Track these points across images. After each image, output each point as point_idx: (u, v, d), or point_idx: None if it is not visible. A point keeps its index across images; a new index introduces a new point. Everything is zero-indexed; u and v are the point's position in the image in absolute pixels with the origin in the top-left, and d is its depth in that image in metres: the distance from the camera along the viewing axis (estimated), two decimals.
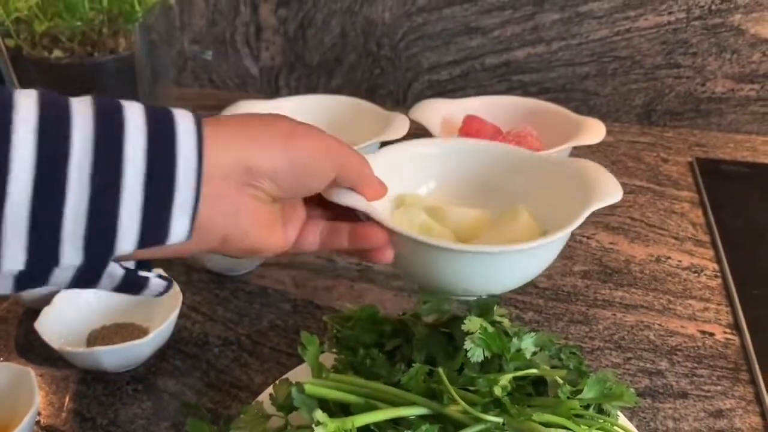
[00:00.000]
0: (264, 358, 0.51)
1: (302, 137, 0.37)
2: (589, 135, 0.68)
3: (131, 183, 0.29)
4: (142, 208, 0.30)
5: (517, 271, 0.46)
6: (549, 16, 0.90)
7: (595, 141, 0.67)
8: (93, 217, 0.29)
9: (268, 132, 0.36)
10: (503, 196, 0.53)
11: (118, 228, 0.29)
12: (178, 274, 0.61)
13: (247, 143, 0.34)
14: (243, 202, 0.34)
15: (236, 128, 0.35)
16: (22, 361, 0.51)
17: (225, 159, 0.33)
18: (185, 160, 0.31)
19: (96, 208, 0.29)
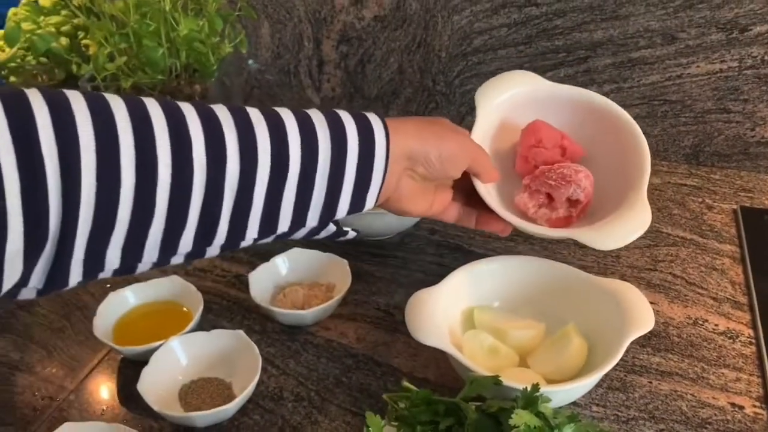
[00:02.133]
0: (332, 416, 0.58)
1: (450, 137, 0.54)
2: (613, 233, 0.59)
3: (349, 176, 0.47)
4: (352, 191, 0.48)
5: (568, 396, 0.56)
6: (601, 61, 0.93)
7: (607, 247, 0.58)
8: (326, 200, 0.47)
9: (427, 130, 0.53)
10: (555, 308, 0.63)
11: (339, 205, 0.48)
12: (253, 324, 0.68)
13: (411, 138, 0.51)
14: (402, 179, 0.52)
15: (406, 126, 0.51)
16: (124, 410, 0.59)
17: (397, 149, 0.50)
18: (380, 157, 0.48)
19: (328, 195, 0.47)
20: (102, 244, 0.39)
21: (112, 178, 0.38)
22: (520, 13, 0.93)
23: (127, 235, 0.40)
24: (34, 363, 0.64)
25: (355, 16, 1.02)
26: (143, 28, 0.80)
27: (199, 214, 0.42)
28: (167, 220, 0.41)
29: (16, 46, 0.89)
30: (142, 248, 0.41)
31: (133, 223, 0.40)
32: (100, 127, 0.37)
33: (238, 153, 0.42)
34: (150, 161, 0.39)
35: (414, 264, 0.77)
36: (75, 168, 0.36)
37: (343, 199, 0.48)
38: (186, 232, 0.42)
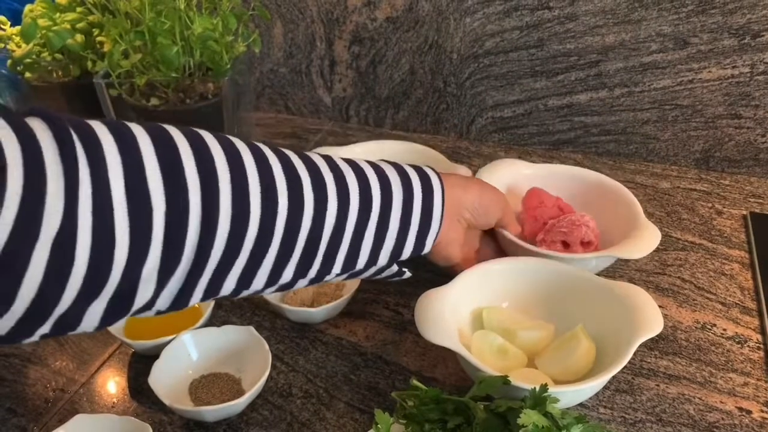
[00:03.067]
0: (340, 413, 0.58)
1: (488, 189, 0.65)
2: (638, 246, 0.66)
3: (414, 219, 0.56)
4: (416, 234, 0.56)
5: (576, 397, 0.56)
6: (613, 65, 0.93)
7: (639, 256, 0.66)
8: (396, 243, 0.55)
9: (470, 183, 0.63)
10: (564, 310, 0.63)
11: (405, 246, 0.56)
12: (263, 320, 0.69)
13: (459, 188, 0.61)
14: (452, 224, 0.61)
15: (455, 181, 0.61)
16: (134, 404, 0.59)
17: (450, 199, 0.59)
18: (437, 203, 0.57)
19: (399, 237, 0.55)
20: (226, 270, 0.43)
21: (244, 207, 0.42)
22: (532, 16, 0.94)
23: (246, 264, 0.44)
24: (46, 355, 0.65)
25: (368, 17, 1.03)
26: (158, 26, 0.81)
27: (303, 248, 0.47)
28: (278, 252, 0.46)
29: (32, 42, 0.90)
30: (254, 276, 0.46)
31: (254, 252, 0.44)
32: (232, 162, 0.43)
33: (336, 196, 0.49)
34: (272, 197, 0.44)
35: (423, 264, 0.77)
36: (215, 196, 0.41)
37: (409, 241, 0.56)
38: (290, 264, 0.47)
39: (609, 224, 0.73)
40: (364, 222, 0.52)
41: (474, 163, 1.00)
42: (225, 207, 0.41)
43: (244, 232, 0.43)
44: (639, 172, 0.96)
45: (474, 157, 1.02)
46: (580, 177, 0.81)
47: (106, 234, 0.36)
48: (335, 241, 0.50)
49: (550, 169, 0.82)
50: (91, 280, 0.36)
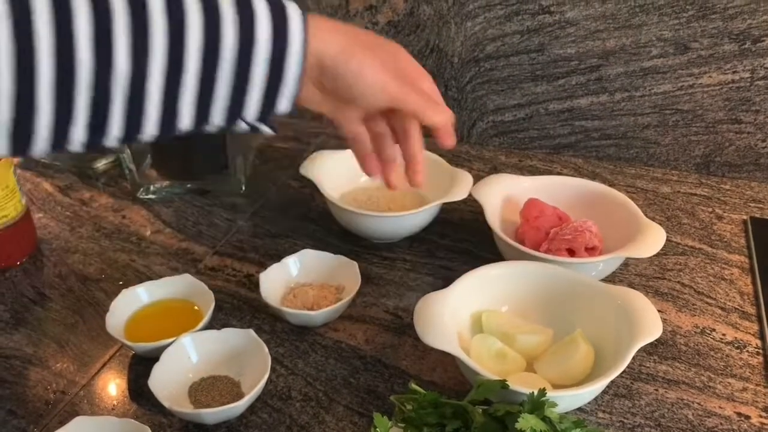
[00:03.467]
0: (339, 416, 0.58)
1: (377, 66, 0.49)
2: (646, 245, 0.68)
3: (257, 75, 0.44)
4: (263, 97, 0.45)
5: (574, 401, 0.56)
6: (614, 69, 0.93)
7: (649, 254, 0.67)
8: (232, 100, 0.45)
9: (359, 46, 0.49)
10: (563, 314, 0.63)
11: (246, 108, 0.45)
12: (263, 323, 0.69)
13: (332, 45, 0.48)
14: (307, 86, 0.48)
15: (334, 33, 0.49)
16: (134, 406, 0.60)
17: (311, 56, 0.46)
18: (294, 62, 0.45)
19: (234, 94, 0.44)
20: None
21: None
22: (533, 21, 0.94)
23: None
24: (47, 357, 0.65)
25: (369, 20, 1.03)
26: None
27: (88, 109, 0.41)
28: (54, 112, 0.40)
29: None
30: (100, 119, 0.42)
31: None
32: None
33: (129, 44, 0.40)
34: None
35: (423, 267, 0.78)
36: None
37: (251, 100, 0.46)
38: (74, 124, 0.41)
39: (609, 230, 0.73)
40: (176, 69, 0.42)
41: (474, 167, 1.00)
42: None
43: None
44: (639, 176, 0.96)
45: (475, 161, 1.02)
46: (575, 186, 0.81)
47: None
48: (134, 98, 0.42)
49: (545, 181, 0.82)
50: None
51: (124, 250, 0.82)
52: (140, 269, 0.78)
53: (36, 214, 0.87)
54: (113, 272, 0.78)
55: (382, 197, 0.85)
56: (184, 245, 0.82)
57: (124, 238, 0.84)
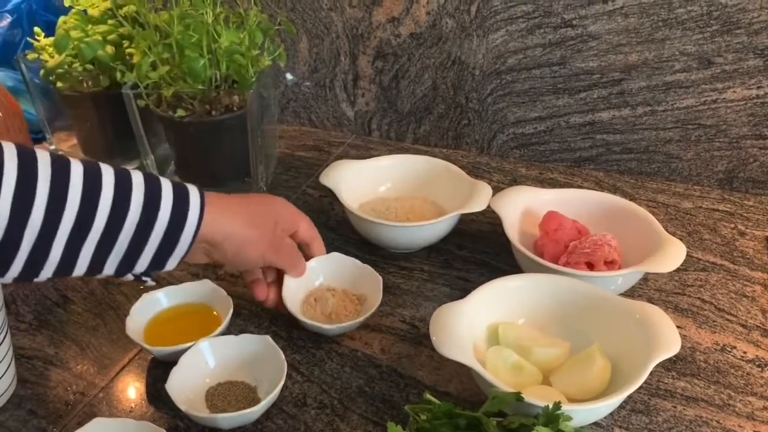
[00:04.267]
0: (353, 425, 0.58)
1: (255, 246, 0.62)
2: (666, 259, 0.67)
3: (152, 243, 0.53)
4: (152, 256, 0.54)
5: (590, 416, 0.56)
6: (636, 83, 0.93)
7: (669, 269, 0.67)
8: (125, 257, 0.52)
9: (243, 221, 0.60)
10: (580, 328, 0.63)
11: (137, 265, 0.54)
12: (280, 330, 0.69)
13: (220, 228, 0.57)
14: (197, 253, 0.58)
15: (224, 212, 0.58)
16: (152, 409, 0.60)
17: (205, 231, 0.55)
18: (187, 235, 0.54)
19: (128, 254, 0.52)
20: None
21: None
22: (555, 34, 0.94)
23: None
24: (68, 359, 0.66)
25: (392, 32, 1.04)
26: (186, 39, 0.82)
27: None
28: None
29: (65, 53, 0.92)
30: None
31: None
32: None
33: (46, 201, 0.47)
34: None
35: (440, 278, 0.78)
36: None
37: (141, 262, 0.54)
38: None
39: (628, 244, 0.73)
40: (81, 234, 0.49)
41: (494, 178, 1.00)
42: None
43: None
44: (661, 191, 0.96)
45: (495, 173, 1.02)
46: (594, 200, 0.81)
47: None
48: (41, 249, 0.48)
49: (565, 194, 0.82)
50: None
51: None
52: (161, 274, 0.79)
53: None
54: None
55: (401, 207, 0.85)
56: None
57: None
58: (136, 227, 0.51)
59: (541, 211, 0.77)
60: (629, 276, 0.69)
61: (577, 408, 0.51)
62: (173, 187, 0.54)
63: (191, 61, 0.83)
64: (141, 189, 0.52)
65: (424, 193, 0.88)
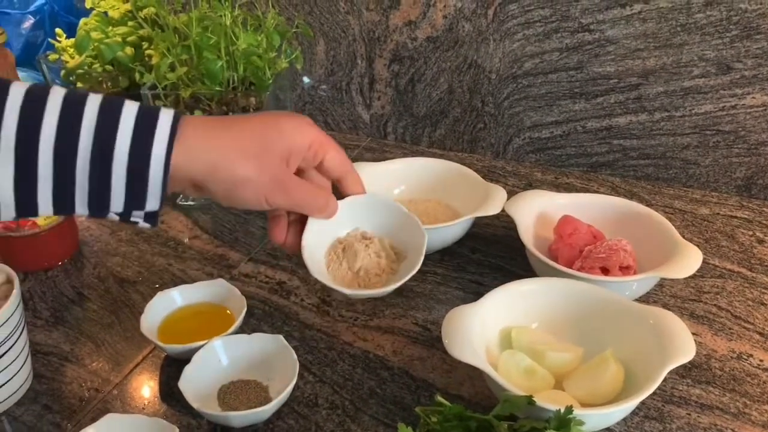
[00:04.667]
0: (364, 426, 0.58)
1: (250, 179, 0.49)
2: (681, 265, 0.67)
3: (117, 173, 0.43)
4: (125, 197, 0.44)
5: (602, 421, 0.55)
6: (653, 88, 0.92)
7: (685, 275, 0.66)
8: (92, 196, 0.44)
9: (231, 156, 0.48)
10: (594, 333, 0.63)
11: (111, 200, 0.44)
12: (293, 330, 0.70)
13: (201, 164, 0.47)
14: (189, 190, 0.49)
15: (209, 143, 0.47)
16: (164, 406, 0.61)
17: (179, 172, 0.45)
18: (155, 176, 0.44)
19: (93, 186, 0.43)
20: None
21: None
22: (573, 38, 0.94)
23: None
24: (83, 355, 0.67)
25: (408, 36, 1.04)
26: (204, 40, 0.83)
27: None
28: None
29: (85, 53, 0.94)
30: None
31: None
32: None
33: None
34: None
35: (453, 281, 0.78)
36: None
37: (115, 202, 0.45)
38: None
39: (644, 250, 0.72)
40: (25, 161, 0.42)
41: (509, 183, 1.00)
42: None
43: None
44: (678, 197, 0.95)
45: (510, 177, 1.02)
46: (610, 205, 0.80)
47: None
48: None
49: (580, 199, 0.81)
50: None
51: (161, 254, 0.84)
52: (177, 273, 0.80)
53: (79, 218, 0.90)
54: (150, 275, 0.79)
55: (415, 210, 0.85)
56: (220, 251, 0.84)
57: (163, 242, 0.86)
58: (90, 161, 0.42)
59: (556, 215, 0.77)
60: (644, 281, 0.69)
61: (589, 413, 0.51)
62: (138, 111, 0.44)
63: (209, 62, 0.83)
64: (93, 114, 0.42)
65: (438, 196, 0.88)
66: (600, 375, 0.57)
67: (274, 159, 0.49)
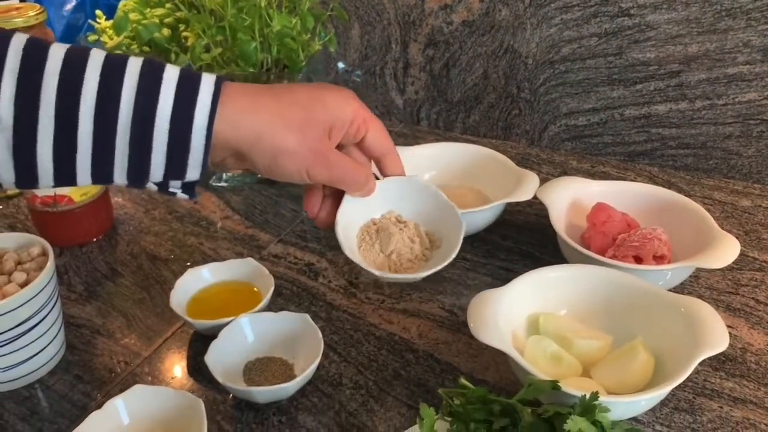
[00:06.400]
0: (387, 407, 0.58)
1: (293, 150, 0.47)
2: (718, 255, 0.65)
3: (159, 140, 0.42)
4: (166, 166, 0.43)
5: (629, 409, 0.54)
6: (695, 75, 0.90)
7: (721, 265, 0.64)
8: (132, 163, 0.43)
9: (275, 125, 0.47)
10: (624, 321, 0.61)
11: (150, 169, 0.43)
12: (319, 311, 0.70)
13: (244, 130, 0.46)
14: (227, 161, 0.48)
15: (255, 109, 0.46)
16: (191, 380, 0.62)
17: (219, 138, 0.44)
18: (197, 142, 0.43)
19: (133, 155, 0.42)
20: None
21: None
22: (612, 23, 0.92)
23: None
24: (114, 329, 0.68)
25: (444, 20, 1.03)
26: (239, 22, 0.84)
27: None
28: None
29: (123, 34, 0.95)
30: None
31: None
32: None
33: (14, 91, 0.39)
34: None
35: (483, 267, 0.77)
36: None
37: (154, 170, 0.43)
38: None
39: (679, 239, 0.71)
40: (66, 127, 0.41)
41: (544, 170, 0.98)
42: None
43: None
44: (718, 188, 0.92)
45: (544, 165, 1.00)
46: (645, 193, 0.78)
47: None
48: (24, 148, 0.41)
49: (614, 186, 0.80)
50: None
51: (193, 233, 0.85)
52: (207, 252, 0.81)
53: (115, 198, 0.91)
54: (182, 254, 0.80)
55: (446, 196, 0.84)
56: (250, 232, 0.85)
57: (195, 222, 0.87)
58: (131, 126, 0.41)
59: (590, 203, 0.75)
60: (679, 271, 0.67)
61: (615, 400, 0.50)
62: (180, 74, 0.43)
63: (243, 43, 0.84)
64: (135, 77, 0.41)
65: (469, 181, 0.87)
66: (628, 363, 0.56)
67: (317, 131, 0.48)
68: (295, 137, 0.47)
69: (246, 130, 0.45)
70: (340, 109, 0.49)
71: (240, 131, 0.45)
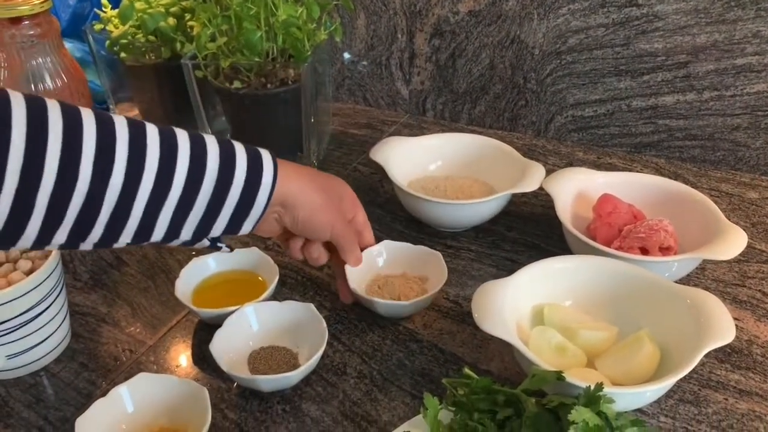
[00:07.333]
0: (391, 396, 0.58)
1: (327, 211, 0.60)
2: (724, 247, 0.64)
3: (229, 205, 0.52)
4: (230, 218, 0.53)
5: (634, 401, 0.54)
6: (703, 66, 0.89)
7: (728, 257, 0.63)
8: (203, 221, 0.52)
9: (313, 192, 0.59)
10: (629, 312, 0.61)
11: (214, 227, 0.53)
12: (324, 300, 0.70)
13: (294, 185, 0.57)
14: (268, 219, 0.57)
15: (295, 175, 0.57)
16: (196, 369, 0.62)
17: (278, 193, 0.55)
18: (263, 195, 0.53)
19: (206, 217, 0.51)
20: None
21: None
22: (620, 13, 0.91)
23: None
24: (119, 318, 0.68)
25: (450, 10, 1.03)
26: (245, 11, 0.83)
27: (79, 211, 0.45)
28: (46, 217, 0.44)
29: (129, 23, 0.95)
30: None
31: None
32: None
33: (126, 164, 0.45)
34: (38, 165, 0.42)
35: (488, 258, 0.77)
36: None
37: (218, 226, 0.53)
38: (61, 229, 0.45)
39: (686, 231, 0.70)
40: (160, 197, 0.48)
41: (550, 162, 0.98)
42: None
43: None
44: (725, 180, 0.92)
45: (551, 156, 1.00)
46: (651, 184, 0.78)
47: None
48: (120, 213, 0.47)
49: (620, 177, 0.79)
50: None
51: None
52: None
53: None
54: None
55: (450, 186, 0.84)
56: None
57: None
58: (213, 189, 0.50)
59: (596, 194, 0.75)
60: (685, 263, 0.67)
61: (619, 391, 0.50)
62: (246, 148, 0.53)
63: (248, 33, 0.83)
64: (215, 150, 0.51)
65: (474, 172, 0.87)
66: (634, 355, 0.55)
67: (335, 198, 0.62)
68: (327, 197, 0.60)
69: (294, 190, 0.56)
70: (345, 188, 0.65)
71: (290, 190, 0.56)
